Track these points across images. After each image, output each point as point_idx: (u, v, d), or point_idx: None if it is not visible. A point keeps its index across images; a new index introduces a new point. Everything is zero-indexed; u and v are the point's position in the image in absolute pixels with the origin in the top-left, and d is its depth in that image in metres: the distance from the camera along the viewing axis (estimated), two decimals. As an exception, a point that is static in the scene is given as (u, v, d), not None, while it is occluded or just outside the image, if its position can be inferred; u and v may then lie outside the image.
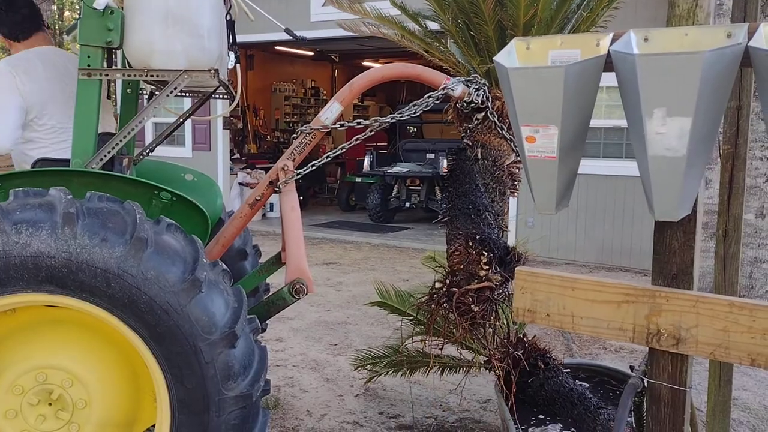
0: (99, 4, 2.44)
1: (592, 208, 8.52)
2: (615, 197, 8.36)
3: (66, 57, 2.98)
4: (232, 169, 12.29)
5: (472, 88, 2.66)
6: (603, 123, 8.15)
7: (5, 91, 2.74)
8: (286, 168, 2.72)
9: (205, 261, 2.27)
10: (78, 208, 2.13)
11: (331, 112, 2.72)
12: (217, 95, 3.26)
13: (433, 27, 3.02)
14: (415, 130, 13.79)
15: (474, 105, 2.69)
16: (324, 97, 17.27)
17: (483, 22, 2.60)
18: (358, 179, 12.30)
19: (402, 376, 3.98)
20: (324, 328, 5.58)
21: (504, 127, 2.71)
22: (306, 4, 9.99)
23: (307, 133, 2.75)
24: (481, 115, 2.72)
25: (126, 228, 2.15)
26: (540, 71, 1.67)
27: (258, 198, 2.80)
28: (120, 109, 3.26)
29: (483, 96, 2.66)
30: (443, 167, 10.93)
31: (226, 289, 2.29)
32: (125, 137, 2.58)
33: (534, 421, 2.94)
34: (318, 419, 3.79)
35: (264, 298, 3.14)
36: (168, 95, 2.58)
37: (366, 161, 12.07)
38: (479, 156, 2.73)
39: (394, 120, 2.83)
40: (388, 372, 4.00)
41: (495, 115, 2.70)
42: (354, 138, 2.82)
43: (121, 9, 2.54)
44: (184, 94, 3.26)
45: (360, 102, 17.35)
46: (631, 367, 2.09)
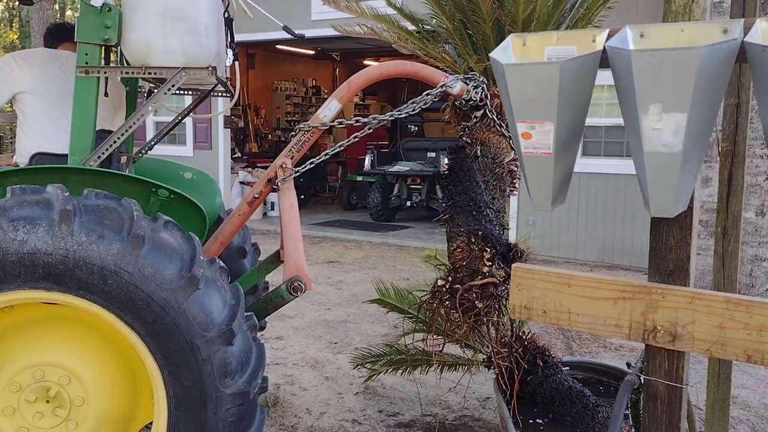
0: (96, 1, 2.45)
1: (593, 206, 8.51)
2: (616, 195, 8.35)
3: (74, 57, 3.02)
4: (233, 168, 12.29)
5: (470, 85, 2.65)
6: (604, 121, 8.14)
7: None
8: (284, 166, 2.71)
9: (203, 258, 2.27)
10: (75, 205, 2.13)
11: (330, 109, 2.71)
12: (216, 93, 3.26)
13: (429, 26, 3.02)
14: (416, 128, 13.79)
15: (473, 103, 2.68)
16: (325, 96, 17.24)
17: (481, 19, 2.61)
18: (359, 178, 12.30)
19: (402, 374, 3.98)
20: (324, 326, 5.58)
21: (503, 125, 2.71)
22: (307, 2, 9.99)
23: (306, 131, 2.73)
24: (480, 113, 2.72)
25: (123, 225, 2.15)
26: (536, 67, 1.67)
27: (256, 196, 2.80)
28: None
29: (482, 93, 2.66)
30: (444, 166, 10.92)
31: (223, 287, 2.29)
32: (123, 135, 2.58)
33: (533, 420, 2.94)
34: (317, 417, 3.79)
35: (262, 295, 3.14)
36: (166, 93, 2.58)
37: (367, 160, 12.07)
38: (479, 153, 2.73)
39: (392, 118, 2.83)
40: (387, 370, 3.99)
41: (494, 113, 2.70)
42: (352, 136, 2.81)
43: (119, 6, 2.55)
44: (183, 91, 3.27)
45: (361, 101, 17.35)
46: (628, 364, 2.09)
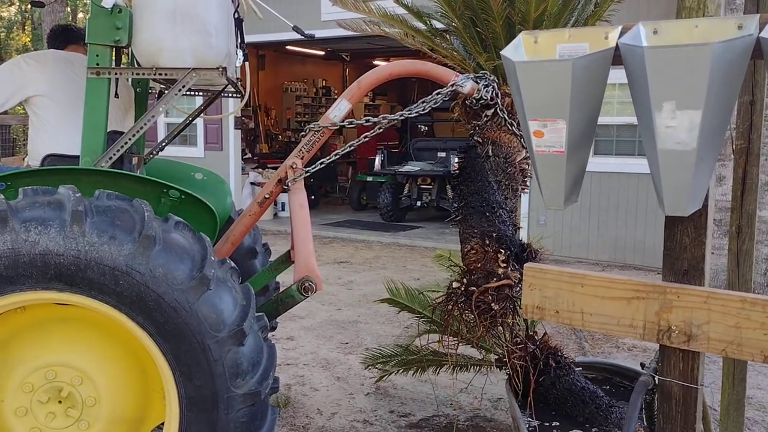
0: (107, 2, 2.46)
1: (604, 205, 8.46)
2: (628, 195, 8.29)
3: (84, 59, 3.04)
4: (243, 169, 12.32)
5: (481, 84, 2.63)
6: (616, 120, 8.09)
7: (11, 77, 2.80)
8: (294, 166, 2.71)
9: (214, 259, 2.27)
10: (86, 206, 2.14)
11: (340, 109, 2.70)
12: (227, 94, 3.26)
13: (438, 25, 3.01)
14: (426, 128, 13.76)
15: (483, 102, 2.65)
16: (335, 96, 17.25)
17: (491, 17, 2.59)
18: (369, 178, 12.29)
19: (413, 375, 3.97)
20: (335, 326, 5.58)
21: (514, 124, 2.69)
22: (316, 3, 9.99)
23: (316, 131, 2.73)
24: (491, 112, 2.70)
25: (134, 226, 2.15)
26: (547, 65, 1.65)
27: (267, 196, 2.79)
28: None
29: (492, 92, 2.63)
30: (454, 166, 10.89)
31: (234, 287, 2.29)
32: (134, 136, 2.59)
33: (545, 422, 2.92)
34: (328, 418, 3.78)
35: (273, 296, 3.14)
36: (177, 94, 2.58)
37: (377, 160, 12.05)
38: (490, 153, 2.69)
39: (403, 117, 2.82)
40: (398, 371, 3.98)
41: (505, 112, 2.66)
42: (362, 136, 2.80)
43: (130, 8, 2.55)
44: (193, 92, 3.27)
45: (371, 101, 17.34)
46: (642, 365, 2.06)
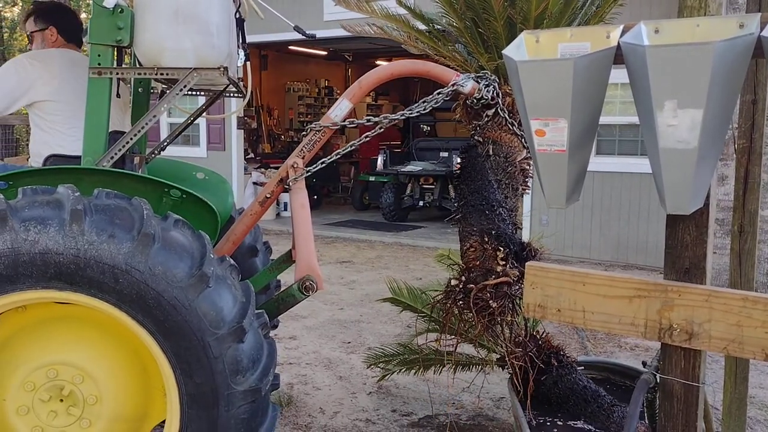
0: (109, 2, 2.46)
1: (606, 205, 8.46)
2: (630, 194, 8.29)
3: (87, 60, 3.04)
4: (246, 169, 12.34)
5: (482, 84, 2.64)
6: (618, 120, 8.09)
7: (10, 79, 2.80)
8: (295, 166, 2.72)
9: (213, 256, 2.27)
10: (85, 204, 2.14)
11: (341, 109, 2.71)
12: (228, 93, 3.26)
13: (439, 26, 3.01)
14: (429, 128, 13.77)
15: (484, 101, 2.66)
16: (337, 97, 17.19)
17: (492, 18, 2.60)
18: (371, 178, 12.30)
19: (415, 374, 3.97)
20: (337, 326, 5.59)
21: (515, 123, 2.69)
22: (319, 3, 10.01)
23: (317, 131, 2.74)
24: (492, 112, 2.69)
25: (133, 224, 2.16)
26: (549, 64, 1.66)
27: (268, 196, 2.80)
28: (132, 108, 3.28)
29: (493, 92, 2.64)
30: (456, 165, 10.89)
31: (233, 284, 2.30)
32: (135, 135, 2.59)
33: (547, 420, 2.92)
34: (331, 417, 3.79)
35: (274, 295, 3.15)
36: (178, 93, 2.59)
37: (379, 160, 12.07)
38: (491, 152, 2.70)
39: (404, 117, 2.83)
40: (400, 370, 3.99)
41: (506, 111, 2.66)
42: (363, 135, 2.81)
43: (132, 8, 2.56)
44: (195, 92, 3.27)
45: (373, 101, 17.36)
46: (644, 363, 2.07)
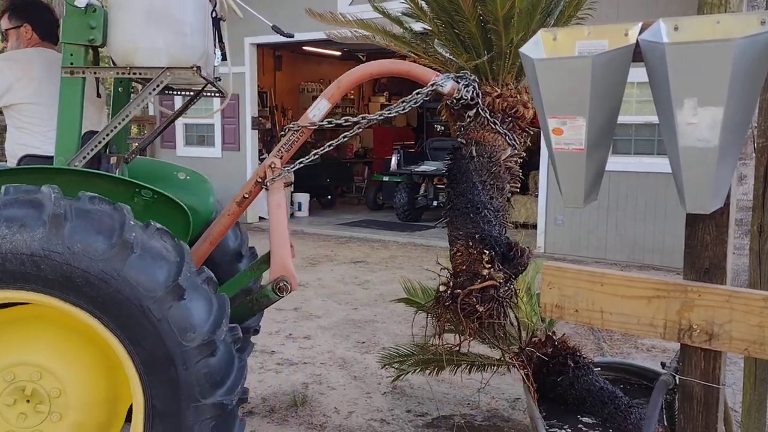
0: (80, 2, 2.46)
1: (623, 205, 8.39)
2: (646, 194, 8.22)
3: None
4: (260, 170, 12.37)
5: (461, 84, 2.61)
6: (634, 119, 8.03)
7: None
8: (273, 166, 2.72)
9: (133, 223, 2.24)
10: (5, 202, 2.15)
11: (319, 109, 2.70)
12: (208, 93, 3.25)
13: (418, 27, 2.98)
14: (443, 128, 13.76)
15: (464, 101, 2.63)
16: (351, 97, 17.29)
17: (464, 18, 2.58)
18: (385, 178, 12.30)
19: (429, 374, 3.96)
20: (351, 326, 5.59)
21: (497, 122, 2.66)
22: (333, 3, 10.02)
23: (295, 131, 2.72)
24: (473, 112, 2.66)
25: (43, 210, 2.14)
26: (567, 62, 1.65)
27: (246, 196, 2.80)
28: (111, 108, 3.26)
29: (473, 92, 2.62)
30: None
31: (165, 247, 2.27)
32: (108, 135, 2.59)
33: (563, 421, 2.91)
34: (345, 416, 3.79)
35: (248, 297, 3.12)
36: (151, 93, 2.58)
37: (393, 160, 12.07)
38: (474, 153, 2.67)
39: (382, 117, 2.81)
40: (415, 370, 3.98)
41: (486, 111, 2.64)
42: (341, 135, 2.78)
43: (105, 7, 2.56)
44: (175, 92, 3.26)
45: (387, 101, 17.33)
46: (663, 364, 2.05)
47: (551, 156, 1.78)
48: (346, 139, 2.82)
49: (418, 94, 2.61)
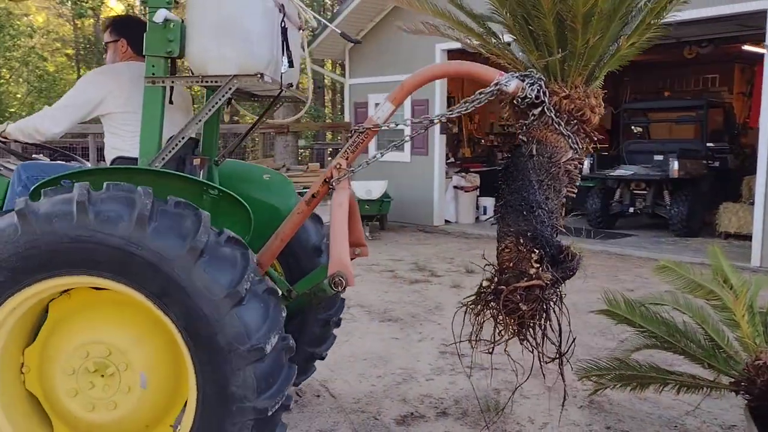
0: (158, 18, 2.68)
1: None
2: None
3: None
4: (447, 173, 12.53)
5: (526, 82, 2.55)
6: None
7: (91, 91, 3.08)
8: (339, 166, 2.79)
9: (207, 229, 2.42)
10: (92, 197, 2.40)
11: (383, 111, 2.74)
12: (287, 99, 3.36)
13: (491, 23, 2.87)
14: (641, 129, 12.94)
15: (529, 100, 2.57)
16: (452, 96, 16.69)
17: (541, 14, 2.47)
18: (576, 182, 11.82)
19: (631, 391, 3.74)
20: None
21: (561, 123, 2.58)
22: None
23: (360, 133, 2.78)
24: (538, 111, 2.60)
25: (133, 208, 2.37)
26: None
27: (314, 195, 2.90)
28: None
29: (538, 91, 2.55)
30: (674, 170, 10.08)
31: (233, 254, 2.47)
32: (183, 139, 2.81)
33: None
34: (540, 427, 3.70)
35: (308, 290, 3.24)
36: (220, 99, 2.77)
37: (586, 163, 11.56)
38: (534, 152, 2.60)
39: (444, 118, 2.84)
40: (615, 385, 3.78)
41: (552, 111, 2.57)
42: (407, 136, 2.89)
43: (184, 22, 2.76)
44: (258, 98, 3.45)
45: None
46: None
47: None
48: (410, 140, 2.90)
49: (480, 93, 2.60)
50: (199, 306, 2.35)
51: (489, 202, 12.46)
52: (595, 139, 2.71)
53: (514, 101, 2.66)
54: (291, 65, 2.94)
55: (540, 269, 2.54)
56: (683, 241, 10.09)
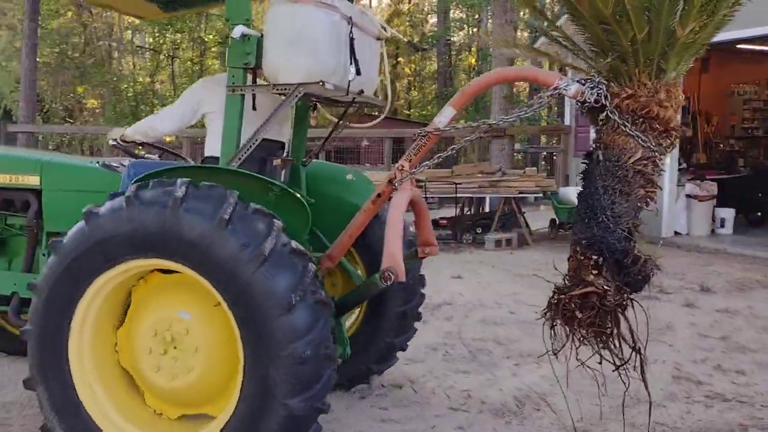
0: (236, 33, 2.96)
1: None
2: None
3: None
4: (679, 180, 11.51)
5: (586, 86, 2.58)
6: None
7: (193, 98, 3.41)
8: (402, 168, 2.95)
9: (275, 237, 2.64)
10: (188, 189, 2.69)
11: (445, 116, 2.89)
12: (364, 104, 3.57)
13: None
14: None
15: (588, 104, 2.60)
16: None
17: (587, 18, 2.53)
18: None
19: None
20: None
21: (627, 124, 2.56)
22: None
23: (423, 136, 2.94)
24: (603, 115, 2.60)
25: (217, 209, 2.63)
26: None
27: (379, 195, 3.09)
28: (294, 120, 3.77)
29: (597, 94, 2.56)
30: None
31: (293, 263, 2.67)
32: (256, 142, 3.02)
33: None
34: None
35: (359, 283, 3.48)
36: (288, 105, 3.01)
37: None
38: (600, 158, 2.62)
39: (505, 122, 3.05)
40: None
41: (615, 113, 2.56)
42: (464, 139, 3.18)
43: (262, 36, 2.99)
44: (339, 104, 3.59)
45: None
46: None
47: None
48: (461, 147, 3.09)
49: (540, 97, 2.71)
50: (255, 305, 2.59)
51: (728, 213, 11.22)
52: (673, 133, 2.63)
53: (583, 107, 2.68)
54: (358, 73, 3.10)
55: (598, 276, 2.58)
56: None
